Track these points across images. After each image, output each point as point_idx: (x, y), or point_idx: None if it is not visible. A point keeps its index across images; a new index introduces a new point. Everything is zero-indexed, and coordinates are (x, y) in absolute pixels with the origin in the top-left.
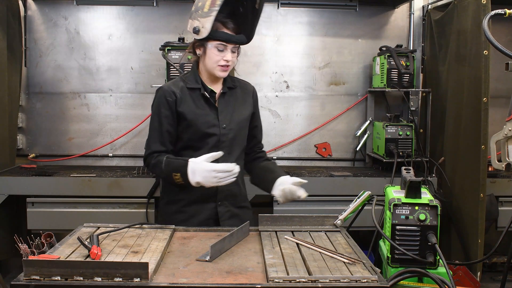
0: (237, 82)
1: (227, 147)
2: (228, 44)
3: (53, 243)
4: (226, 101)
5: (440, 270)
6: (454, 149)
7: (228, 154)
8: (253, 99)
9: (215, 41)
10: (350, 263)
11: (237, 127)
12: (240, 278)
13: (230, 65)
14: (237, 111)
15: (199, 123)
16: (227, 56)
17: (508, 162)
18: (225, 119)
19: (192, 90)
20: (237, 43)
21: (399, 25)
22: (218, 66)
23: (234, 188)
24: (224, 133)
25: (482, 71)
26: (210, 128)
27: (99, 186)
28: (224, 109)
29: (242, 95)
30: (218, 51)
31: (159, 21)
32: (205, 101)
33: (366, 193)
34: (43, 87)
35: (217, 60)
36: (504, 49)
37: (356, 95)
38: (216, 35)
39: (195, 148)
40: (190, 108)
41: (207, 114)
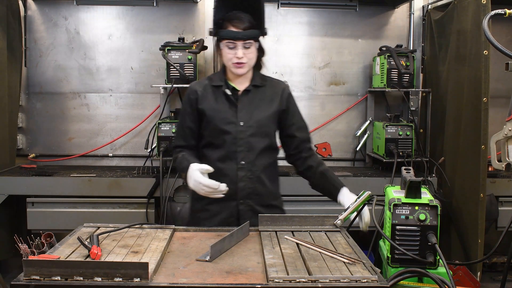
0: (268, 80)
1: (245, 144)
2: (236, 41)
3: (53, 243)
4: (249, 99)
5: (440, 270)
6: (454, 149)
7: (248, 151)
8: (282, 97)
9: (224, 40)
10: (350, 263)
11: (257, 124)
12: (240, 278)
13: (245, 62)
14: (259, 109)
15: (216, 119)
16: (238, 53)
17: (508, 162)
18: (244, 117)
19: (216, 87)
20: (244, 39)
21: (399, 25)
22: (232, 63)
23: (258, 186)
24: (242, 130)
25: (482, 71)
26: (227, 125)
27: (99, 186)
28: (244, 106)
29: (270, 93)
30: (229, 49)
31: (159, 21)
32: (226, 99)
33: (366, 193)
34: (43, 87)
35: (230, 58)
36: (504, 49)
37: (356, 95)
38: (222, 34)
39: (214, 146)
40: (211, 105)
41: (226, 111)
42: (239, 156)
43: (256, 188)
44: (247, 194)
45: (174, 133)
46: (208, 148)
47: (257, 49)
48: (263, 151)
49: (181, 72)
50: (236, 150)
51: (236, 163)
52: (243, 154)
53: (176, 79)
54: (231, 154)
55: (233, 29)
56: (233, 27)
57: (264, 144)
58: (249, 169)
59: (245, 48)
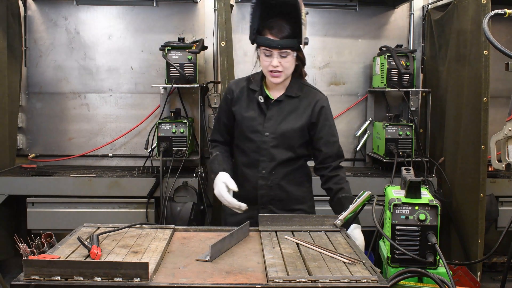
0: (305, 91)
1: (268, 155)
2: (272, 50)
3: (53, 243)
4: (279, 109)
5: (440, 270)
6: (454, 149)
7: (269, 162)
8: (314, 110)
9: (261, 46)
10: (350, 263)
11: (282, 137)
12: (240, 278)
13: (280, 71)
14: (287, 121)
15: (244, 126)
16: (273, 61)
17: (508, 162)
18: (271, 127)
19: (252, 91)
20: (279, 48)
21: (399, 25)
22: (268, 71)
23: (279, 193)
24: (266, 140)
25: (482, 71)
26: (252, 133)
27: (99, 186)
28: (273, 116)
29: (303, 105)
30: (265, 56)
31: (159, 21)
32: (258, 106)
33: (366, 193)
34: (43, 87)
35: (266, 65)
36: (504, 49)
37: (356, 95)
38: (260, 41)
39: (241, 150)
40: (242, 109)
41: (254, 119)
42: (260, 165)
43: (277, 195)
44: (267, 200)
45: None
46: (237, 149)
47: (295, 58)
48: (286, 162)
49: (181, 72)
50: (258, 159)
51: (258, 171)
52: (265, 163)
53: (176, 79)
54: (254, 162)
55: (271, 37)
56: (271, 35)
57: (287, 156)
58: (268, 178)
59: (282, 57)
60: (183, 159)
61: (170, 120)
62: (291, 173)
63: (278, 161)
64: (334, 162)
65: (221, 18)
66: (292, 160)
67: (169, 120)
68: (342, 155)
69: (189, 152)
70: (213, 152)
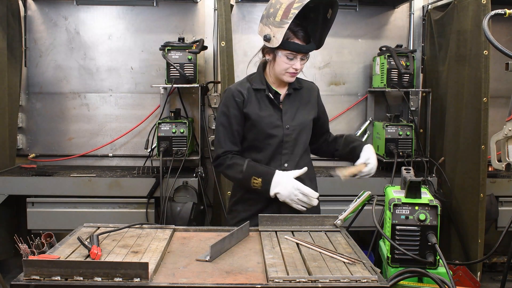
0: (303, 83)
1: (290, 147)
2: (297, 54)
3: (53, 243)
4: (290, 102)
5: (440, 270)
6: (454, 149)
7: (291, 154)
8: (318, 99)
9: (286, 50)
10: (350, 263)
11: (299, 127)
12: (240, 278)
13: (298, 72)
14: (300, 112)
15: (263, 123)
16: (296, 64)
17: (508, 162)
18: (289, 120)
19: (257, 91)
20: (305, 53)
21: (399, 25)
22: (287, 73)
23: None
24: (287, 133)
25: (482, 71)
26: (273, 129)
27: (99, 186)
28: (288, 110)
29: (307, 95)
30: (287, 59)
31: (159, 21)
32: (270, 102)
33: (366, 193)
34: (43, 87)
35: (286, 68)
36: (504, 49)
37: (356, 95)
38: (287, 46)
39: (258, 149)
40: (255, 109)
41: (271, 115)
42: (283, 158)
43: None
44: None
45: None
46: (251, 151)
47: None
48: (304, 153)
49: (181, 72)
50: (281, 153)
51: (280, 165)
52: (287, 156)
53: (176, 79)
54: (275, 157)
55: (297, 41)
56: (297, 39)
57: (305, 145)
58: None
59: (302, 59)
60: (183, 159)
61: (170, 120)
62: (308, 166)
63: (299, 152)
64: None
65: (221, 18)
66: (305, 153)
67: (169, 120)
68: None
69: (189, 152)
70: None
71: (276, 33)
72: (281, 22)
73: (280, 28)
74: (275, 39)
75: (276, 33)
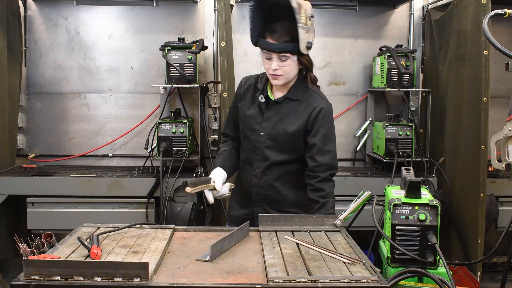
0: (307, 95)
1: (262, 154)
2: (272, 53)
3: (53, 243)
4: (276, 110)
5: (440, 270)
6: (454, 149)
7: (263, 161)
8: (310, 116)
9: (261, 49)
10: (350, 263)
11: (277, 138)
12: (240, 278)
13: (281, 74)
14: (283, 123)
15: (244, 123)
16: (273, 64)
17: (508, 162)
18: (266, 127)
19: (257, 89)
20: (277, 52)
21: (399, 25)
22: (270, 74)
23: (272, 194)
24: (261, 140)
25: (482, 71)
26: (249, 132)
27: (99, 186)
28: (270, 117)
29: (301, 109)
30: (266, 59)
31: (159, 21)
32: (258, 105)
33: (366, 193)
34: (43, 87)
35: (267, 68)
36: (504, 49)
37: (356, 95)
38: (259, 43)
39: (242, 145)
40: (245, 106)
41: (253, 117)
42: (255, 163)
43: (270, 195)
44: (261, 199)
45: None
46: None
47: (297, 62)
48: (280, 163)
49: (181, 72)
50: (254, 157)
51: (252, 170)
52: (259, 163)
53: (176, 79)
54: (250, 160)
55: (270, 40)
56: (271, 39)
57: (281, 158)
58: (262, 177)
59: (281, 60)
60: (183, 159)
61: (170, 120)
62: (286, 175)
63: (271, 161)
64: (324, 173)
65: (221, 18)
66: (287, 163)
67: (169, 120)
68: (334, 167)
69: (189, 152)
70: (222, 147)
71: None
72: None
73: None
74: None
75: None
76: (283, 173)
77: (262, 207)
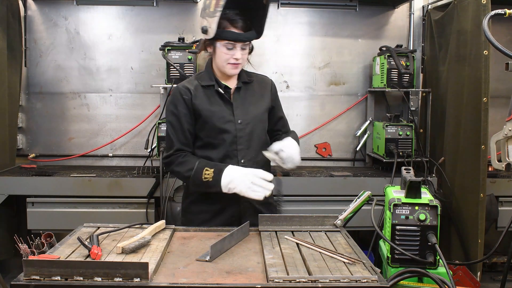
0: (254, 76)
1: (245, 142)
2: (236, 43)
3: (53, 243)
4: (241, 96)
5: (440, 270)
6: (454, 149)
7: (247, 149)
8: (271, 92)
9: (223, 40)
10: (350, 263)
11: (253, 121)
12: (240, 278)
13: (240, 63)
14: (253, 105)
15: (214, 119)
16: (236, 54)
17: (508, 162)
18: (241, 114)
19: (207, 87)
20: (245, 41)
21: (399, 25)
22: (228, 64)
23: None
24: (240, 128)
25: (482, 71)
26: (225, 124)
27: (99, 186)
28: (239, 104)
29: (260, 89)
30: (227, 49)
31: (159, 21)
32: (220, 98)
33: (366, 193)
34: (43, 87)
35: (227, 58)
36: (504, 49)
37: (356, 95)
38: (224, 35)
39: (212, 146)
40: (205, 105)
41: (222, 110)
42: (239, 154)
43: None
44: None
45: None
46: (206, 149)
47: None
48: (261, 147)
49: (181, 72)
50: (236, 149)
51: (237, 162)
52: (244, 152)
53: (176, 79)
54: (231, 153)
55: (234, 30)
56: (234, 28)
57: (262, 140)
58: (250, 167)
59: (242, 49)
60: None
61: None
62: (267, 162)
63: (256, 147)
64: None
65: None
66: (265, 146)
67: None
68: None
69: None
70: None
71: (211, 23)
72: (214, 11)
73: (213, 18)
74: (211, 30)
75: (212, 24)
76: (266, 160)
77: (248, 203)
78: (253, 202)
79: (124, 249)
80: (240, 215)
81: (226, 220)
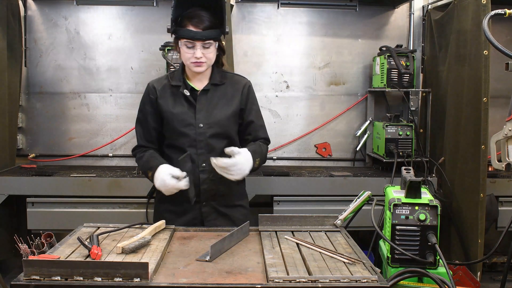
0: (229, 78)
1: (205, 147)
2: (195, 41)
3: (53, 243)
4: (207, 99)
5: (440, 270)
6: (454, 149)
7: (208, 153)
8: (242, 95)
9: (183, 39)
10: (350, 263)
11: (217, 125)
12: (240, 278)
13: (204, 61)
14: (218, 109)
15: (175, 121)
16: (196, 53)
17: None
18: (203, 118)
19: (175, 87)
20: (203, 40)
21: (399, 25)
22: (191, 62)
23: (221, 188)
24: (201, 132)
25: (482, 71)
26: (185, 128)
27: (99, 186)
28: (203, 107)
29: (231, 91)
30: (187, 48)
31: (159, 21)
32: (185, 99)
33: (366, 193)
34: (43, 87)
35: (188, 57)
36: (504, 49)
37: (356, 95)
38: (181, 33)
39: (175, 147)
40: (169, 106)
41: (184, 112)
42: (200, 158)
43: (220, 190)
44: (210, 196)
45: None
46: (170, 149)
47: (217, 48)
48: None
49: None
50: (196, 153)
51: (198, 166)
52: (204, 156)
53: None
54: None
55: (193, 28)
56: (193, 26)
57: (225, 144)
58: (211, 171)
59: (204, 48)
60: None
61: None
62: None
63: (216, 151)
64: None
65: None
66: None
67: None
68: (269, 139)
69: None
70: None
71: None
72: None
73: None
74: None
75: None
76: None
77: (210, 206)
78: (215, 206)
79: (124, 249)
80: (202, 218)
81: (188, 222)
